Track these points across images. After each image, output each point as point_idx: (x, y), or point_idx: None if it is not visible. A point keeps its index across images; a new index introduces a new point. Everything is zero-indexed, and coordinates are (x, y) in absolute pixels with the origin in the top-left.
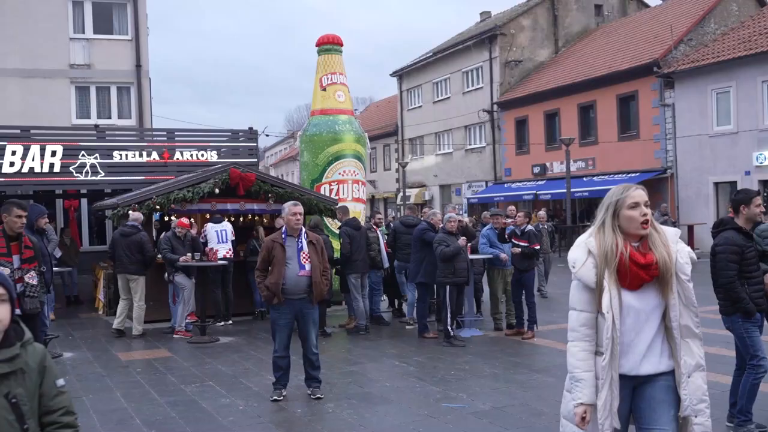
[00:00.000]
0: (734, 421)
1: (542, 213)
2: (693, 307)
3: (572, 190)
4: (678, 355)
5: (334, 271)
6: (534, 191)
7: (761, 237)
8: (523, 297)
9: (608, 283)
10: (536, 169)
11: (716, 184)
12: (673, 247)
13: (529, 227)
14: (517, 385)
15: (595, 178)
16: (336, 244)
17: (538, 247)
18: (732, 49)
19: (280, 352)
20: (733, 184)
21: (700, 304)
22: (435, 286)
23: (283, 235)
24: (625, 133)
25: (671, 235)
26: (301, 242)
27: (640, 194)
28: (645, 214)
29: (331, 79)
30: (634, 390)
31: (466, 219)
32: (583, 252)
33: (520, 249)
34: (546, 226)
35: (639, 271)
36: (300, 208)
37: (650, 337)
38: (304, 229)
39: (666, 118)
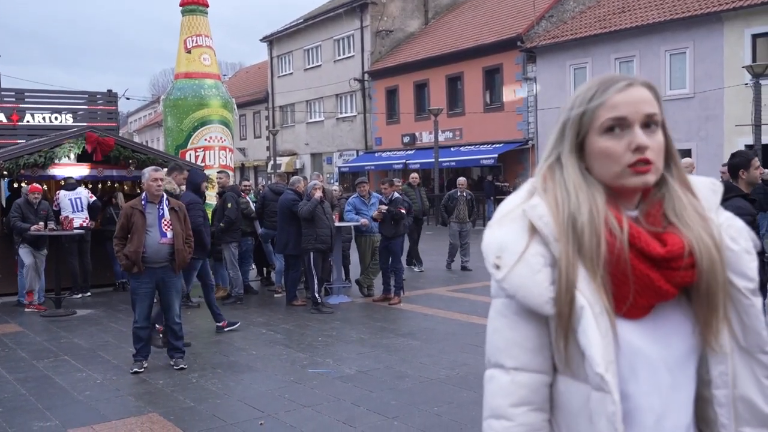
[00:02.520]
0: None
1: (462, 179)
2: (763, 355)
3: (440, 159)
4: None
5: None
6: (404, 160)
7: None
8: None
9: (590, 300)
10: (406, 139)
11: None
12: (715, 221)
13: (396, 195)
14: (383, 349)
15: (462, 148)
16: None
17: (403, 211)
18: (589, 26)
19: (140, 323)
20: None
21: None
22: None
23: (143, 202)
24: (491, 104)
25: (707, 192)
26: (162, 209)
27: (632, 97)
28: (640, 146)
29: (197, 42)
30: None
31: (335, 187)
32: (518, 231)
33: (380, 213)
34: (464, 194)
35: (653, 274)
36: (161, 174)
37: (681, 423)
38: (165, 196)
39: (528, 91)
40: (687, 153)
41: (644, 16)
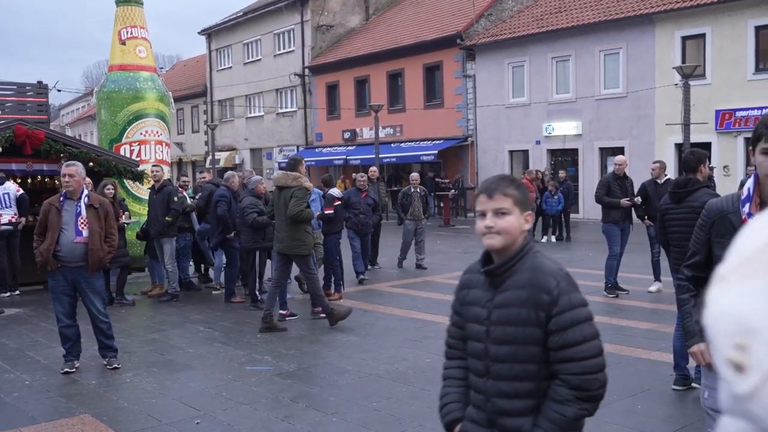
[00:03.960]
0: None
1: (415, 175)
2: None
3: (381, 155)
4: None
5: (135, 236)
6: (344, 156)
7: None
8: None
9: None
10: (347, 135)
11: (511, 152)
12: None
13: (330, 192)
14: (322, 346)
15: (402, 144)
16: (137, 208)
17: (330, 212)
18: (526, 25)
19: (63, 322)
20: (526, 152)
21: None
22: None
23: (61, 198)
24: (431, 101)
25: None
26: (79, 206)
27: None
28: None
29: (131, 33)
30: None
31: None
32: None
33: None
34: (418, 190)
35: None
36: (72, 169)
37: None
38: (86, 192)
39: (468, 89)
40: (620, 150)
41: (580, 16)
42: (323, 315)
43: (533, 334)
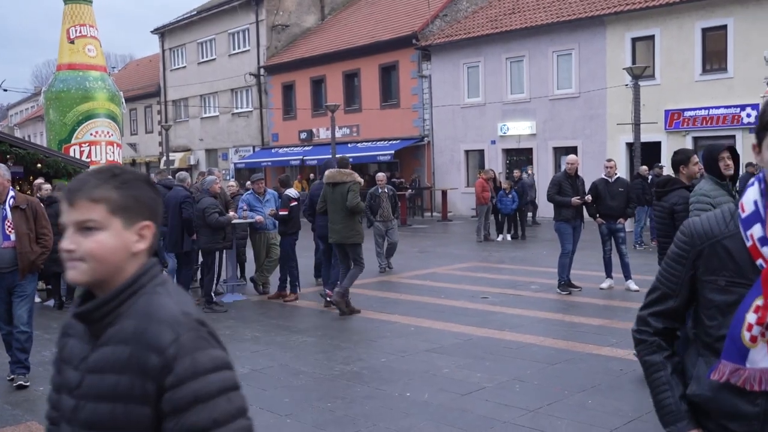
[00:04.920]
0: None
1: (381, 175)
2: None
3: (338, 156)
4: None
5: None
6: (301, 156)
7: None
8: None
9: None
10: (303, 135)
11: (467, 152)
12: None
13: (286, 193)
14: (277, 347)
15: (359, 145)
16: None
17: (285, 213)
18: (481, 26)
19: (3, 329)
20: (481, 152)
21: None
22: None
23: None
24: (387, 101)
25: None
26: (4, 210)
27: None
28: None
29: (80, 32)
30: None
31: (231, 182)
32: None
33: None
34: (386, 190)
35: None
36: None
37: None
38: (12, 194)
39: (423, 89)
40: (573, 150)
41: (533, 17)
42: (329, 300)
43: (139, 416)
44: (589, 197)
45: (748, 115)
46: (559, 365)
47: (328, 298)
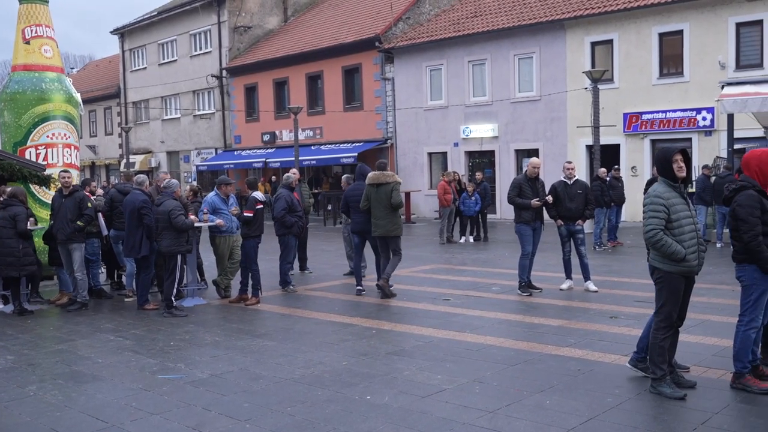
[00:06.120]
0: None
1: (345, 178)
2: None
3: (300, 158)
4: None
5: (42, 242)
6: (264, 159)
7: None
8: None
9: None
10: (266, 137)
11: (430, 154)
12: None
13: (252, 195)
14: (237, 351)
15: (322, 147)
16: (45, 213)
17: (250, 215)
18: (443, 29)
19: None
20: (444, 154)
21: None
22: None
23: None
24: (350, 104)
25: None
26: None
27: None
28: None
29: (36, 32)
30: None
31: (192, 183)
32: None
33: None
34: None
35: None
36: None
37: None
38: None
39: (387, 91)
40: (535, 152)
41: (495, 21)
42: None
43: None
44: (549, 198)
45: (704, 119)
46: (518, 366)
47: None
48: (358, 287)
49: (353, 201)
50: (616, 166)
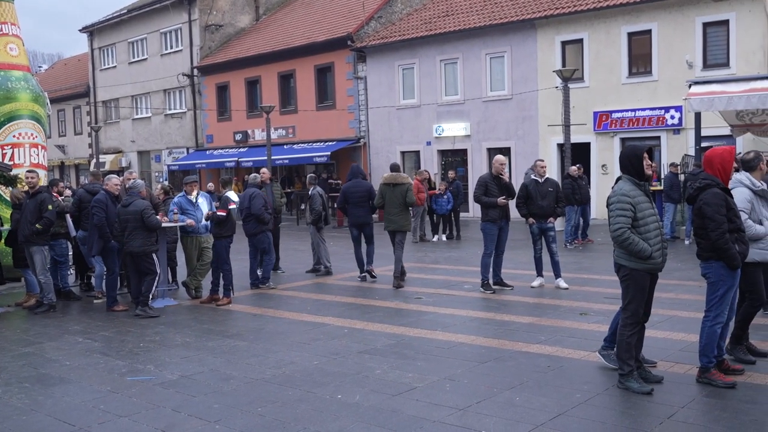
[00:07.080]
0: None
1: (309, 177)
2: None
3: (273, 157)
4: None
5: (2, 243)
6: (236, 158)
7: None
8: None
9: None
10: (238, 136)
11: (403, 152)
12: None
13: (226, 194)
14: (208, 352)
15: (295, 146)
16: (5, 214)
17: (221, 214)
18: (415, 28)
19: None
20: (417, 153)
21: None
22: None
23: None
24: (323, 102)
25: None
26: None
27: None
28: None
29: (2, 30)
30: None
31: (165, 184)
32: None
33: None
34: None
35: None
36: None
37: None
38: None
39: (359, 90)
40: (507, 151)
41: (466, 20)
42: (373, 275)
43: None
44: (503, 199)
45: (672, 117)
46: (489, 363)
47: (372, 274)
48: (361, 275)
49: (352, 196)
50: (578, 165)
